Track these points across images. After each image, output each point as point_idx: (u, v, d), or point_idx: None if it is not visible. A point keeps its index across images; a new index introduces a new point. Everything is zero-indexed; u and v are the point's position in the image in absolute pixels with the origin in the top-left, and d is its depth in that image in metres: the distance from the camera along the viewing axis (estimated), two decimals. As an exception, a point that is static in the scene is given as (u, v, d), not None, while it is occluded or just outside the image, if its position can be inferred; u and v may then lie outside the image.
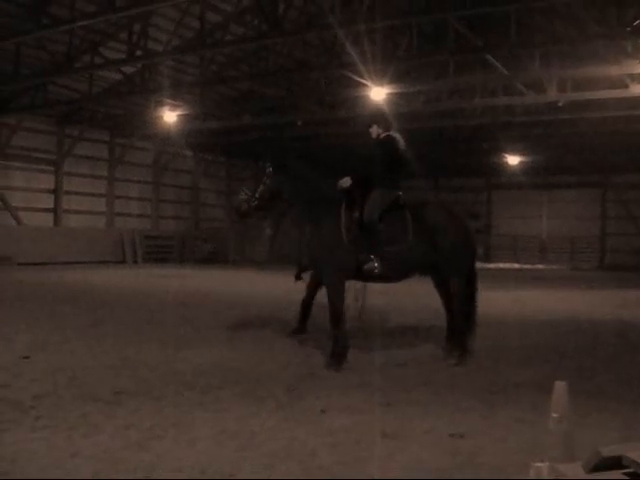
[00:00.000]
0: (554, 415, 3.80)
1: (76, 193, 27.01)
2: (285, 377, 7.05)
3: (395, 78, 18.27)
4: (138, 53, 18.97)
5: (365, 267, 7.66)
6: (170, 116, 23.23)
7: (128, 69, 21.82)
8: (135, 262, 27.48)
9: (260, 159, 8.40)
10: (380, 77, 17.72)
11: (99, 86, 23.19)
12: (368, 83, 18.08)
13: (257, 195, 8.01)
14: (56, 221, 26.09)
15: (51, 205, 26.10)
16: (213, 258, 29.52)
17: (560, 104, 20.17)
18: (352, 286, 9.00)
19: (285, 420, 5.48)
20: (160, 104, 22.80)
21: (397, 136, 8.12)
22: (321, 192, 8.02)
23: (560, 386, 3.87)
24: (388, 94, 18.86)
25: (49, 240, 24.22)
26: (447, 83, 19.89)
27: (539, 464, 3.45)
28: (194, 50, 19.37)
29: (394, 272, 7.98)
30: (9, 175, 24.60)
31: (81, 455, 4.53)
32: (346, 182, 7.89)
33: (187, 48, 19.61)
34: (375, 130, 8.19)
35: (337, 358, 7.54)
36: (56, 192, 26.16)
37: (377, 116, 8.56)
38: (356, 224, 7.69)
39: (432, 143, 28.75)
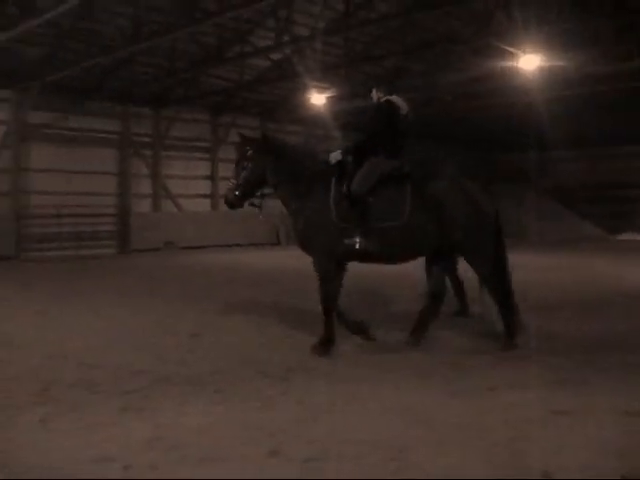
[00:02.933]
0: None
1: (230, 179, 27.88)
2: (449, 353, 7.04)
3: (547, 45, 17.54)
4: (285, 39, 19.37)
5: (345, 241, 6.97)
6: (318, 98, 23.55)
7: (276, 55, 22.32)
8: (288, 244, 28.15)
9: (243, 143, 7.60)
10: (531, 44, 17.09)
11: (249, 74, 23.84)
12: (518, 52, 17.51)
13: (241, 182, 7.46)
14: (213, 206, 27.18)
15: (208, 191, 27.22)
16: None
17: None
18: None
19: (453, 396, 5.48)
20: (308, 87, 23.13)
21: (398, 100, 7.41)
22: (308, 168, 7.39)
23: None
24: (541, 61, 18.14)
25: (207, 224, 25.26)
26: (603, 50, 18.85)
27: None
28: (340, 31, 19.50)
29: (387, 251, 7.13)
30: (169, 164, 25.88)
31: (258, 428, 4.75)
32: (337, 156, 7.27)
33: (333, 30, 19.76)
34: (375, 95, 7.54)
35: (319, 348, 7.01)
36: (212, 178, 27.24)
37: (379, 80, 7.83)
38: (345, 198, 7.00)
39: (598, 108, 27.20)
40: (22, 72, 20.30)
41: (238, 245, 25.08)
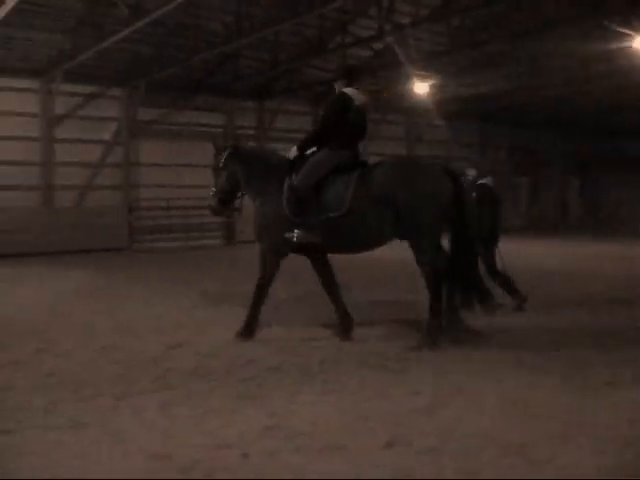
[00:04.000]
0: None
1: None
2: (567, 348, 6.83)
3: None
4: (387, 28, 19.20)
5: (285, 235, 7.09)
6: (420, 87, 23.26)
7: (378, 45, 22.20)
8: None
9: None
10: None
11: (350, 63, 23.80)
12: (634, 33, 16.73)
13: (217, 189, 7.87)
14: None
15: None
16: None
17: None
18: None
19: (568, 391, 5.30)
20: (410, 76, 22.89)
21: (353, 93, 7.32)
22: (270, 167, 7.56)
23: None
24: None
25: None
26: None
27: None
28: (443, 18, 19.20)
29: (333, 242, 7.15)
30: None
31: (372, 419, 4.72)
32: (293, 152, 7.37)
33: (436, 16, 19.45)
34: (338, 86, 7.51)
35: (241, 332, 7.35)
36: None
37: (343, 70, 7.82)
38: (292, 191, 7.10)
39: None
40: (131, 71, 21.03)
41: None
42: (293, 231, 7.08)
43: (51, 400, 5.24)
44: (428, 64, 22.04)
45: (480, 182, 9.22)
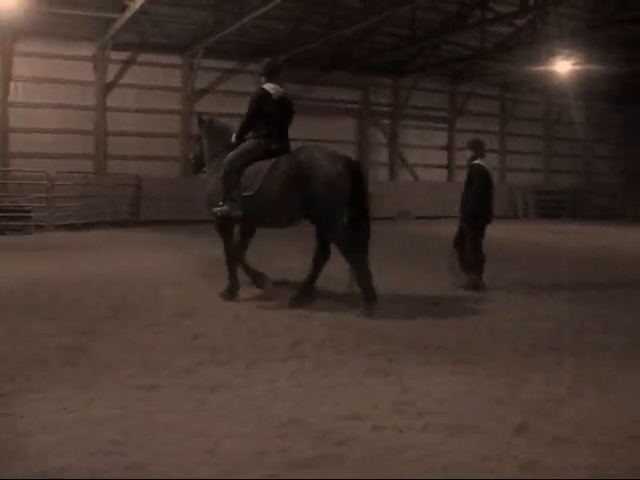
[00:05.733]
0: None
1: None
2: None
3: None
4: (530, 3, 18.56)
5: (213, 209, 8.06)
6: (562, 66, 22.38)
7: (518, 21, 21.51)
8: (526, 217, 27.38)
9: None
10: None
11: (489, 41, 23.20)
12: None
13: (193, 155, 9.50)
14: (449, 177, 27.01)
15: (444, 161, 27.06)
16: (608, 214, 27.95)
17: None
18: None
19: None
20: (551, 55, 22.08)
21: (271, 87, 7.98)
22: (224, 146, 8.46)
23: None
24: None
25: (442, 195, 25.19)
26: None
27: None
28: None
29: (255, 217, 8.07)
30: (406, 133, 26.06)
31: (506, 403, 4.64)
32: (234, 137, 8.28)
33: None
34: (260, 82, 8.28)
35: (225, 294, 8.30)
36: (449, 149, 27.03)
37: (264, 67, 8.24)
38: (223, 170, 8.00)
39: None
40: (269, 47, 21.38)
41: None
42: (218, 205, 8.04)
43: (191, 361, 5.49)
44: (571, 42, 21.14)
45: (474, 162, 9.42)
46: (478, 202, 9.12)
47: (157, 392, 4.74)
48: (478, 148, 9.54)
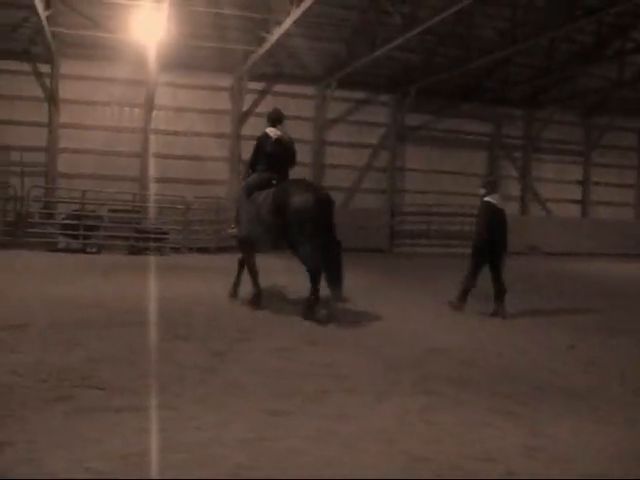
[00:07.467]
0: None
1: (605, 184, 26.48)
2: None
3: None
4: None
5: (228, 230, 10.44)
6: None
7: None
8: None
9: None
10: None
11: (629, 71, 22.31)
12: None
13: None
14: (583, 212, 26.06)
15: (579, 196, 26.15)
16: None
17: None
18: None
19: None
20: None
21: (272, 131, 9.46)
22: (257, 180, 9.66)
23: None
24: None
25: (575, 231, 24.33)
26: None
27: None
28: None
29: (257, 241, 9.56)
30: (540, 167, 25.39)
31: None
32: (242, 171, 10.57)
33: None
34: (266, 126, 9.66)
35: (250, 301, 9.60)
36: (584, 183, 26.12)
37: (268, 116, 9.77)
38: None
39: None
40: (401, 78, 21.49)
41: (606, 255, 23.46)
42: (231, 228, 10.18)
43: (318, 388, 5.53)
44: None
45: (485, 199, 9.91)
46: (480, 235, 9.73)
47: (287, 418, 4.79)
48: (489, 187, 10.11)
